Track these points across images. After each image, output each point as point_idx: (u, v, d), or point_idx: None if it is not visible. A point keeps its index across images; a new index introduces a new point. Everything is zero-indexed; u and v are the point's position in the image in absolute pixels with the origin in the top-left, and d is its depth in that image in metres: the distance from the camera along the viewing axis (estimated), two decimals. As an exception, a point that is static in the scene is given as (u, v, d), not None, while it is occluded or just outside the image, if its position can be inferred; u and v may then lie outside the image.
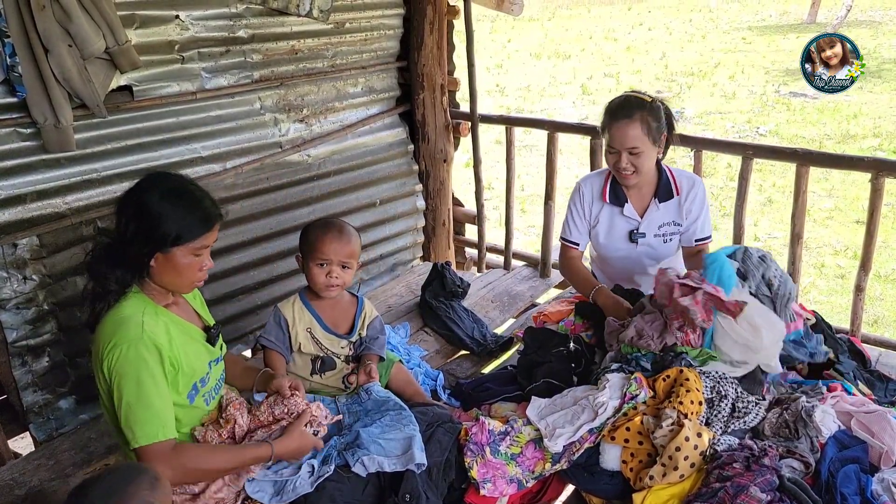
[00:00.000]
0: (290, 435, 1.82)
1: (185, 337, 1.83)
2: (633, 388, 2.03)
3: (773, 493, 1.73)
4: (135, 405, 1.65)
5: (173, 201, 1.72)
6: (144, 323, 1.69)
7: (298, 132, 3.30)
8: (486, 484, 1.93)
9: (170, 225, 1.70)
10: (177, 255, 1.73)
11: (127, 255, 1.72)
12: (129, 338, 1.66)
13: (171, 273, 1.76)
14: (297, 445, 1.83)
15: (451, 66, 3.88)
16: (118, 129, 2.69)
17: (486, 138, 8.70)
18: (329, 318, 2.27)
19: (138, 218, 1.70)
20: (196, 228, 1.73)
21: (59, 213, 2.58)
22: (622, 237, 2.68)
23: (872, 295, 5.42)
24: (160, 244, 1.71)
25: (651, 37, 17.29)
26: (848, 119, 9.98)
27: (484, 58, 14.70)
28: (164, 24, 2.73)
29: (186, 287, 1.83)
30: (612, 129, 2.47)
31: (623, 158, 2.47)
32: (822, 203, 7.16)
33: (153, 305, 1.78)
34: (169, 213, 1.70)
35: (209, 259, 1.82)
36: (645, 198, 2.64)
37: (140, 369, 1.65)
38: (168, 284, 1.79)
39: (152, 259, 1.72)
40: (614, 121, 2.47)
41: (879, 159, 2.79)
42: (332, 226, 2.21)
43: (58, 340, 2.63)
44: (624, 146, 2.45)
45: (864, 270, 2.82)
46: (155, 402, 1.66)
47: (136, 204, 1.72)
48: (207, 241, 1.78)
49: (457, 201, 4.18)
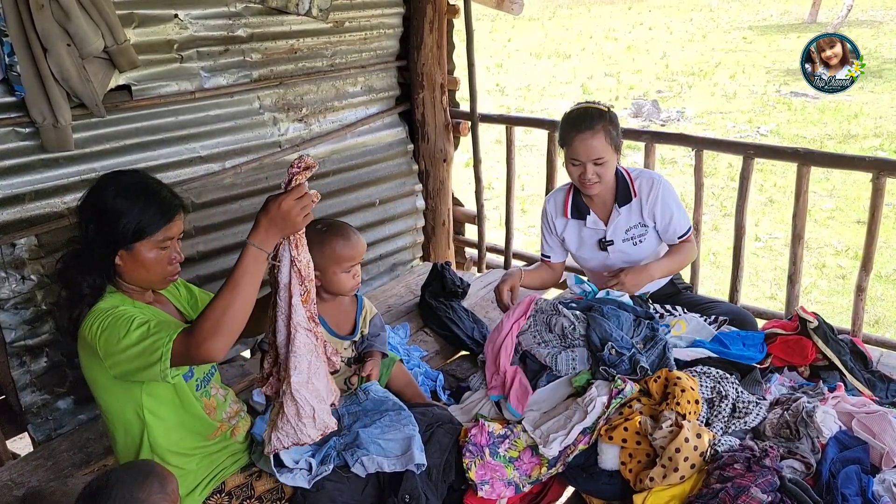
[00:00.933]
0: (261, 220, 1.61)
1: None
2: (619, 384, 2.04)
3: (774, 493, 1.72)
4: (138, 342, 1.59)
5: (129, 196, 1.70)
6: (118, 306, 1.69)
7: (298, 132, 3.29)
8: (484, 485, 1.93)
9: (127, 220, 1.68)
10: (141, 250, 1.71)
11: (93, 257, 1.71)
12: (109, 308, 1.66)
13: (139, 269, 1.74)
14: (271, 216, 1.60)
15: (451, 65, 3.88)
16: (117, 129, 2.69)
17: (486, 138, 8.70)
18: (332, 320, 2.25)
19: (96, 218, 1.70)
20: (156, 221, 1.71)
21: (57, 212, 2.58)
22: (593, 247, 2.71)
23: (873, 295, 5.42)
24: (120, 241, 1.69)
25: (652, 36, 17.29)
26: (849, 119, 9.98)
27: (484, 57, 14.71)
28: (163, 23, 2.73)
29: (159, 282, 1.81)
30: (576, 142, 2.46)
31: (588, 170, 2.47)
32: (824, 203, 7.15)
33: (131, 301, 1.77)
34: (126, 209, 1.68)
35: (178, 251, 1.80)
36: (607, 205, 2.65)
37: (123, 321, 1.62)
38: (140, 282, 1.77)
39: (116, 257, 1.71)
40: (577, 133, 2.45)
41: (880, 159, 2.78)
42: (343, 227, 2.17)
43: (56, 340, 2.63)
44: (590, 158, 2.45)
45: (865, 271, 2.81)
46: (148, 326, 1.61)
47: (93, 203, 1.71)
48: (170, 233, 1.75)
49: (457, 201, 4.17)
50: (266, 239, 1.61)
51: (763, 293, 5.51)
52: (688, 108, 10.95)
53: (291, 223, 1.62)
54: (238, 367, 2.94)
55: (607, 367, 2.14)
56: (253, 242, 1.60)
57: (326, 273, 2.16)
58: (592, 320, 2.26)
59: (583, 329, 2.26)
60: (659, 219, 2.61)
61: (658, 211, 2.59)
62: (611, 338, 2.20)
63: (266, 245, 1.61)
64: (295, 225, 1.63)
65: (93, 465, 2.36)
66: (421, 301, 3.27)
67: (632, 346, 2.22)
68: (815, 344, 2.34)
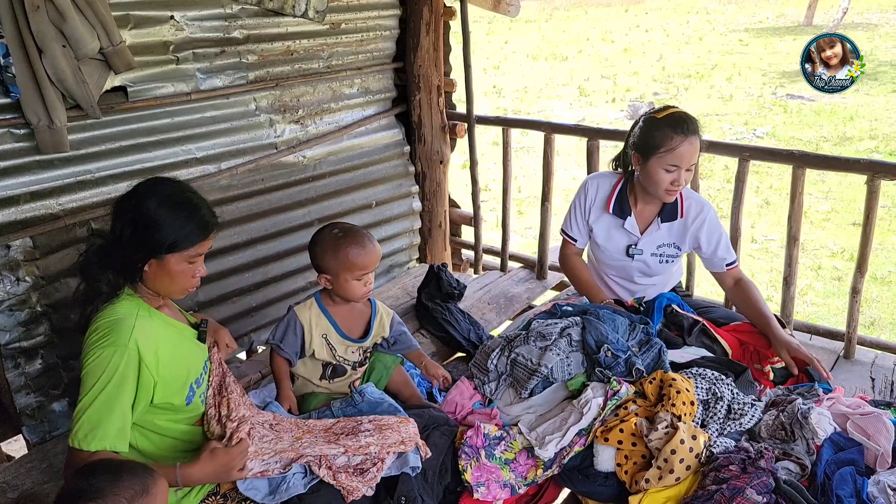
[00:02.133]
0: (201, 461, 1.67)
1: (179, 337, 1.82)
2: (614, 386, 2.05)
3: (769, 495, 1.72)
4: (87, 408, 1.62)
5: (171, 208, 1.72)
6: (136, 327, 1.68)
7: (294, 133, 3.29)
8: (479, 487, 1.93)
9: (166, 232, 1.70)
10: (171, 261, 1.73)
11: (121, 258, 1.71)
12: (112, 342, 1.65)
13: (164, 279, 1.76)
14: (210, 470, 1.68)
15: (448, 67, 3.88)
16: (112, 130, 2.68)
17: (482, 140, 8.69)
18: (345, 323, 2.25)
19: (135, 223, 1.70)
20: (192, 237, 1.74)
21: (52, 214, 2.57)
22: (619, 249, 2.66)
23: (869, 297, 5.43)
24: (155, 251, 1.71)
25: (648, 38, 17.33)
26: (844, 121, 10.00)
27: (481, 59, 14.73)
28: (159, 24, 2.72)
29: (178, 293, 1.83)
30: (684, 146, 2.34)
31: (682, 176, 2.39)
32: (819, 205, 7.17)
33: (147, 307, 1.78)
34: (166, 221, 1.70)
35: (203, 266, 1.83)
36: (649, 216, 2.60)
37: (108, 376, 1.63)
38: (160, 290, 1.79)
39: (146, 264, 1.72)
40: (685, 136, 2.34)
41: (875, 161, 2.78)
42: (361, 235, 2.16)
43: (51, 342, 2.62)
44: (690, 163, 2.38)
45: (860, 272, 2.82)
46: (103, 412, 1.63)
47: (133, 209, 1.71)
48: (202, 249, 1.78)
49: (453, 203, 4.17)
50: (191, 481, 1.67)
51: (759, 295, 5.52)
52: (685, 111, 10.98)
53: (225, 475, 1.72)
54: (234, 368, 2.93)
55: (603, 369, 2.15)
56: (179, 472, 1.64)
57: (338, 279, 2.15)
58: (588, 323, 2.27)
59: (577, 333, 2.26)
60: (705, 242, 2.55)
61: (704, 234, 2.53)
62: (606, 340, 2.20)
63: (184, 482, 1.66)
64: (225, 478, 1.73)
65: (88, 467, 2.35)
66: (417, 303, 3.27)
67: (627, 348, 2.23)
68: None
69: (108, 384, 1.63)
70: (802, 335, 3.02)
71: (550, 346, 2.21)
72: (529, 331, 2.32)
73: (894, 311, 5.33)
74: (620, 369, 2.16)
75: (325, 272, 2.17)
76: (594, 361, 2.18)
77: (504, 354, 2.30)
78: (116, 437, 1.64)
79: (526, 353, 2.23)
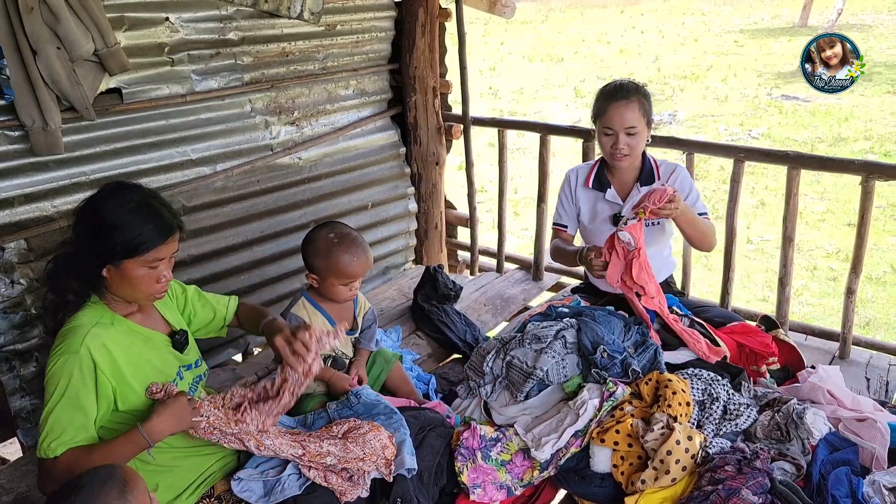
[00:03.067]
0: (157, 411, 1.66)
1: (143, 346, 1.80)
2: (610, 387, 2.05)
3: (764, 495, 1.73)
4: (49, 417, 1.62)
5: (127, 213, 1.67)
6: (88, 335, 1.67)
7: (289, 135, 3.29)
8: (475, 489, 1.92)
9: (120, 237, 1.66)
10: (128, 267, 1.69)
11: (79, 266, 1.69)
12: (64, 350, 1.65)
13: (124, 285, 1.72)
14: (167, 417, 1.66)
15: (444, 68, 3.88)
16: (107, 132, 2.67)
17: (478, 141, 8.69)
18: (337, 316, 2.29)
19: (89, 229, 1.68)
20: (149, 242, 1.68)
21: (47, 216, 2.56)
22: (605, 220, 2.71)
23: (864, 297, 5.45)
24: (109, 256, 1.67)
25: (644, 40, 17.35)
26: (839, 122, 10.03)
27: (477, 60, 14.73)
28: (154, 26, 2.72)
29: (144, 299, 1.79)
30: (611, 110, 2.52)
31: (620, 139, 2.52)
32: (815, 206, 7.19)
33: (110, 315, 1.75)
34: (120, 225, 1.66)
35: (168, 271, 1.77)
36: (628, 183, 2.68)
37: (64, 384, 1.63)
38: (125, 296, 1.76)
39: (103, 270, 1.69)
40: (612, 101, 2.52)
41: (870, 162, 2.79)
42: (355, 244, 2.16)
43: (46, 345, 2.61)
44: (623, 126, 2.50)
45: (854, 273, 2.82)
46: (65, 418, 1.63)
47: (88, 213, 1.69)
48: (161, 254, 1.72)
49: (449, 204, 4.17)
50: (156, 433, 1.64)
51: (755, 295, 5.53)
52: (680, 112, 10.99)
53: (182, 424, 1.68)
54: (230, 371, 2.93)
55: (599, 370, 2.15)
56: (142, 429, 1.63)
57: (325, 281, 2.18)
58: (584, 325, 2.27)
59: (572, 335, 2.26)
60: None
61: (677, 185, 2.61)
62: (602, 341, 2.21)
63: (153, 437, 1.64)
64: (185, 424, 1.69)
65: (82, 470, 2.34)
66: (413, 304, 3.27)
67: (623, 349, 2.23)
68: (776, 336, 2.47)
69: (65, 391, 1.63)
70: (798, 335, 3.03)
71: (545, 348, 2.21)
72: (524, 333, 2.32)
73: (889, 311, 5.34)
74: (616, 370, 2.16)
75: (313, 272, 2.20)
76: (590, 362, 2.18)
77: (500, 357, 2.30)
78: (76, 432, 1.63)
79: (521, 356, 2.23)
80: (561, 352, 2.21)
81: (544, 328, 2.29)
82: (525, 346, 2.27)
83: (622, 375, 2.16)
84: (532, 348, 2.24)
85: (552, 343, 2.23)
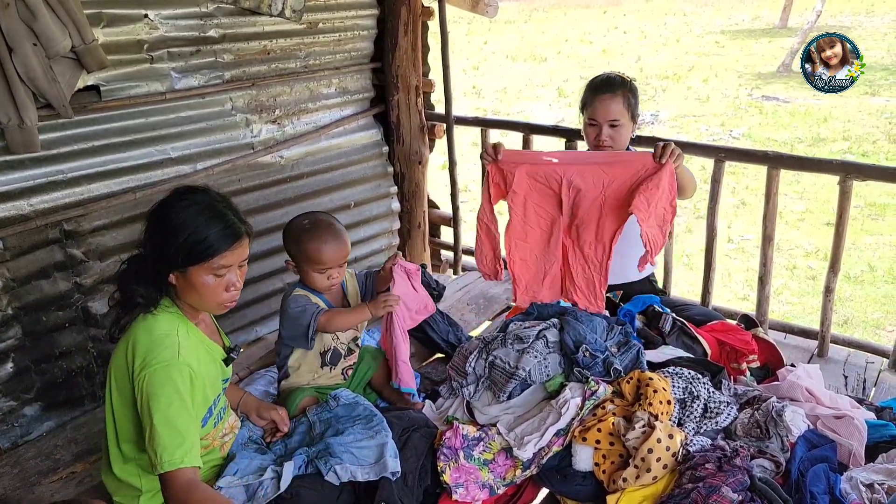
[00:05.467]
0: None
1: (209, 357, 1.79)
2: (592, 386, 2.06)
3: (744, 493, 1.74)
4: (163, 429, 1.57)
5: (191, 217, 1.64)
6: (180, 344, 1.64)
7: (271, 133, 3.26)
8: (458, 489, 1.92)
9: (182, 242, 1.62)
10: (193, 274, 1.65)
11: (147, 270, 1.66)
12: (164, 358, 1.61)
13: (191, 293, 1.69)
14: None
15: (426, 67, 3.87)
16: (85, 130, 2.64)
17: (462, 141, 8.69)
18: (335, 303, 2.30)
19: (156, 234, 1.65)
20: (214, 247, 1.64)
21: (23, 215, 2.52)
22: None
23: (842, 296, 5.51)
24: (174, 262, 1.64)
25: (626, 40, 17.47)
26: (818, 123, 10.15)
27: (460, 59, 14.74)
28: (133, 22, 2.68)
29: (213, 308, 1.76)
30: (596, 102, 2.59)
31: (604, 131, 2.58)
32: (794, 205, 7.27)
33: (186, 323, 1.73)
34: (182, 230, 1.62)
35: (237, 278, 1.73)
36: None
37: (172, 393, 1.60)
38: (194, 303, 1.73)
39: (170, 277, 1.66)
40: (598, 94, 2.59)
41: (848, 162, 2.82)
42: (327, 231, 2.15)
43: (22, 346, 2.57)
44: (606, 119, 2.57)
45: (833, 272, 2.85)
46: (182, 427, 1.60)
47: (156, 218, 1.66)
48: (227, 261, 1.67)
49: (432, 204, 4.17)
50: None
51: (735, 294, 5.58)
52: (661, 112, 11.08)
53: None
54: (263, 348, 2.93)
55: (581, 369, 2.15)
56: None
57: (300, 268, 2.20)
58: (566, 324, 2.27)
59: (554, 334, 2.26)
60: None
61: None
62: (585, 340, 2.21)
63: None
64: None
65: (60, 472, 2.31)
66: (396, 304, 3.25)
67: (605, 348, 2.24)
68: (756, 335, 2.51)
69: (173, 401, 1.59)
70: (777, 334, 3.06)
71: (527, 348, 2.21)
72: (507, 333, 2.32)
73: (866, 309, 5.41)
74: (598, 369, 2.17)
75: (291, 259, 2.22)
76: (572, 362, 2.18)
77: (482, 357, 2.30)
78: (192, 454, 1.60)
79: (503, 356, 2.23)
80: (543, 351, 2.21)
81: (526, 328, 2.29)
82: (507, 346, 2.26)
83: (604, 374, 2.16)
84: (514, 348, 2.24)
85: (534, 343, 2.23)
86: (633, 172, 2.44)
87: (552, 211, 2.57)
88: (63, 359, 2.68)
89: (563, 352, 2.22)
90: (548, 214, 2.58)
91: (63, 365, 2.68)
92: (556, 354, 2.22)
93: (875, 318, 5.27)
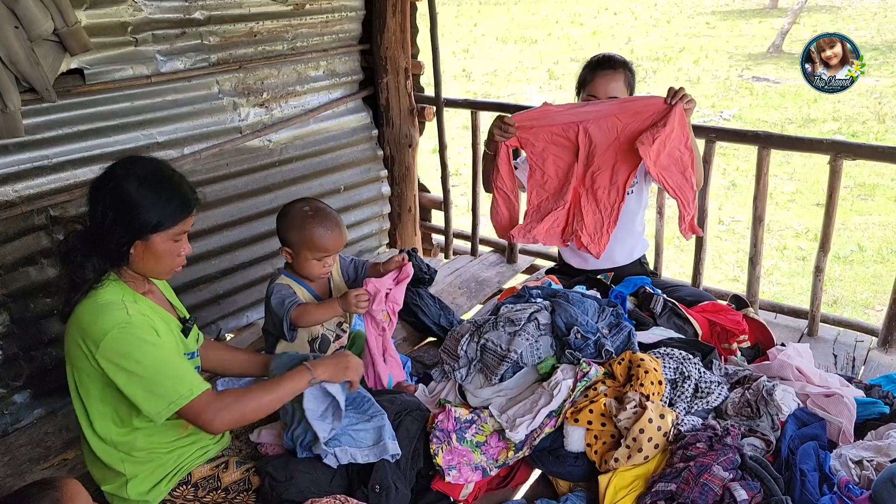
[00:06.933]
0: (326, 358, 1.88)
1: (165, 326, 1.79)
2: (584, 367, 2.06)
3: (735, 471, 1.75)
4: (153, 375, 1.63)
5: (152, 188, 1.68)
6: (128, 308, 1.67)
7: (258, 117, 3.23)
8: (451, 471, 1.92)
9: (150, 212, 1.67)
10: (156, 241, 1.71)
11: (105, 243, 1.68)
12: (117, 321, 1.63)
13: (150, 260, 1.73)
14: (334, 361, 1.88)
15: (415, 49, 3.83)
16: (69, 115, 2.61)
17: (452, 124, 8.66)
18: (320, 291, 2.30)
19: (116, 206, 1.66)
20: (176, 214, 1.71)
21: (8, 201, 2.49)
22: None
23: (832, 276, 5.54)
24: (140, 232, 1.68)
25: (617, 21, 17.38)
26: (808, 103, 10.15)
27: (450, 42, 14.64)
28: (116, 4, 2.64)
29: (165, 273, 1.81)
30: (597, 79, 2.56)
31: None
32: (784, 186, 7.28)
33: (131, 293, 1.75)
34: (148, 200, 1.67)
35: (187, 244, 1.81)
36: None
37: (141, 344, 1.64)
38: (147, 271, 1.77)
39: (132, 247, 1.69)
40: (599, 70, 2.57)
41: (838, 142, 2.82)
42: (329, 218, 2.18)
43: (10, 333, 2.55)
44: (606, 95, 2.55)
45: (823, 252, 2.86)
46: (171, 365, 1.66)
47: (112, 191, 1.67)
48: (186, 227, 1.76)
49: (423, 187, 4.15)
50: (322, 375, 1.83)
51: (726, 275, 5.60)
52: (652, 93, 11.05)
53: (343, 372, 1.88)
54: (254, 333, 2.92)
55: (573, 350, 2.15)
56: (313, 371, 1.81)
57: (298, 255, 2.20)
58: (558, 306, 2.27)
59: (545, 317, 2.26)
60: None
61: None
62: (576, 322, 2.21)
63: (318, 377, 1.82)
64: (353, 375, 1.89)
65: (51, 459, 2.31)
66: (387, 287, 3.24)
67: (597, 330, 2.24)
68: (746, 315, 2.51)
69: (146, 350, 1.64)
70: (767, 314, 3.07)
71: (519, 331, 2.21)
72: (498, 316, 2.31)
73: (856, 289, 5.44)
74: (590, 351, 2.17)
75: (287, 246, 2.20)
76: (564, 343, 2.18)
77: (474, 340, 2.30)
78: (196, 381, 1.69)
79: (495, 339, 2.23)
80: (535, 334, 2.21)
81: (518, 311, 2.29)
82: (499, 328, 2.26)
83: (596, 356, 2.17)
84: (506, 331, 2.24)
85: (526, 325, 2.23)
86: (645, 117, 2.48)
87: (569, 159, 2.59)
88: (52, 346, 2.66)
89: (554, 334, 2.22)
90: (565, 164, 2.60)
91: (52, 352, 2.66)
92: (547, 336, 2.22)
93: (864, 298, 5.31)
